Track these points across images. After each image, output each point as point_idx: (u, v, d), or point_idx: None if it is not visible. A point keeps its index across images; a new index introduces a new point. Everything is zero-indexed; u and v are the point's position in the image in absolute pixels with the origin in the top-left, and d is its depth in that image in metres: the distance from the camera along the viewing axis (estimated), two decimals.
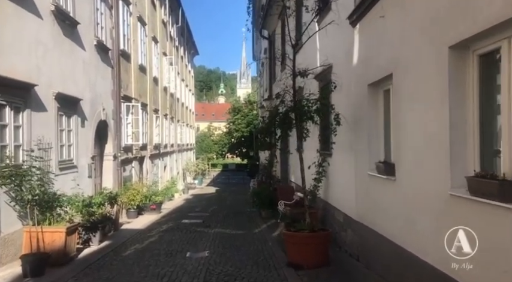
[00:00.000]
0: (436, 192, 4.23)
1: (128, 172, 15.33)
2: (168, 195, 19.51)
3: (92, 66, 11.45)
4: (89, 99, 11.14)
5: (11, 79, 7.03)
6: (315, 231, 6.85)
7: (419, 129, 4.69)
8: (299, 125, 7.11)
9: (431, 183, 4.37)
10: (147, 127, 18.41)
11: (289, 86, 7.32)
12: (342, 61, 7.77)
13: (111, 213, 10.35)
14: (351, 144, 7.51)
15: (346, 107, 7.37)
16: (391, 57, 5.46)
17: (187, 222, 12.91)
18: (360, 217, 6.96)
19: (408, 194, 5.03)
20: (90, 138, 11.22)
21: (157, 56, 21.38)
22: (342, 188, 8.24)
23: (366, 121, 6.64)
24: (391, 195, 5.56)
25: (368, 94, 6.49)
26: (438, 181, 4.16)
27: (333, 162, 8.96)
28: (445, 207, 4.05)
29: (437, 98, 4.17)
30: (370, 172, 6.36)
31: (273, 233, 10.45)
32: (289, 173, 15.50)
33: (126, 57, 15.17)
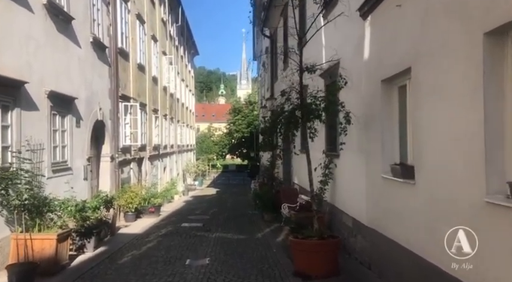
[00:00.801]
0: (467, 199, 3.76)
1: (126, 174, 14.86)
2: (167, 197, 19.04)
3: (88, 64, 10.99)
4: (84, 98, 10.67)
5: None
6: (324, 238, 6.38)
7: (445, 127, 4.22)
8: (306, 124, 6.65)
9: (461, 189, 3.90)
10: (146, 127, 17.93)
11: (296, 82, 6.85)
12: (351, 56, 7.31)
13: (107, 217, 9.89)
14: (361, 144, 7.05)
15: (356, 105, 6.91)
16: (409, 49, 4.99)
17: (187, 226, 12.45)
18: (371, 222, 6.50)
19: (430, 199, 4.56)
20: (85, 139, 10.75)
21: (157, 55, 20.91)
22: (351, 191, 7.77)
23: (378, 120, 6.17)
24: (409, 200, 5.10)
25: (381, 91, 6.03)
26: (470, 186, 3.69)
27: (340, 164, 8.49)
28: (479, 216, 3.58)
29: (467, 92, 3.70)
30: (384, 175, 5.90)
31: (277, 238, 9.99)
32: (292, 175, 15.03)
33: (124, 56, 14.71)
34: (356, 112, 6.73)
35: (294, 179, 14.52)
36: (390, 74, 5.72)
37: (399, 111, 5.83)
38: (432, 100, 4.48)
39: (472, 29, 3.57)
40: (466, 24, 3.68)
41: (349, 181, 7.91)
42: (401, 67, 5.26)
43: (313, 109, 6.55)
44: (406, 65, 5.09)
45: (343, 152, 8.14)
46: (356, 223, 7.39)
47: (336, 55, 6.90)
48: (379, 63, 6.11)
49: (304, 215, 8.73)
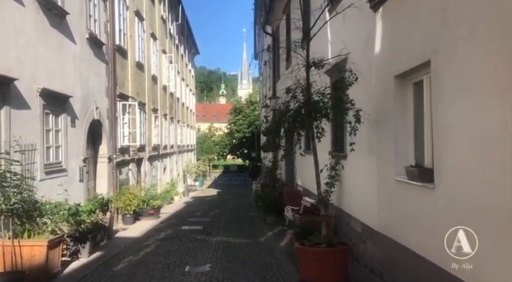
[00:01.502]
0: (494, 205, 3.35)
1: (125, 175, 14.45)
2: (167, 199, 18.65)
3: (84, 61, 10.58)
4: (80, 97, 10.26)
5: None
6: (333, 245, 5.96)
7: (470, 127, 3.80)
8: (313, 123, 6.23)
9: (488, 194, 3.49)
10: (145, 127, 17.51)
11: (302, 78, 6.43)
12: (360, 51, 6.89)
13: (103, 221, 9.48)
14: (371, 145, 6.64)
15: (365, 102, 6.47)
16: (428, 41, 4.57)
17: (187, 229, 12.04)
18: (383, 228, 6.07)
19: (452, 205, 4.14)
20: (81, 139, 10.34)
21: (156, 53, 20.50)
22: (360, 195, 7.35)
23: (391, 119, 5.76)
24: (428, 206, 4.68)
25: (394, 87, 5.61)
26: (498, 191, 3.28)
27: (348, 166, 8.07)
28: (509, 223, 3.18)
29: (502, 87, 3.28)
30: (398, 177, 5.48)
31: (281, 243, 9.56)
32: (296, 176, 14.61)
33: (122, 53, 14.30)
34: (366, 110, 6.31)
35: (297, 181, 14.10)
36: (404, 69, 5.30)
37: (414, 109, 5.42)
38: (456, 96, 4.06)
39: (507, 17, 3.14)
40: (500, 10, 3.26)
41: (358, 184, 7.49)
42: (418, 61, 4.84)
43: (320, 107, 6.13)
44: (423, 58, 4.67)
45: (350, 152, 7.72)
46: (365, 228, 6.98)
47: (344, 49, 6.48)
48: (392, 58, 5.70)
49: (309, 219, 8.32)
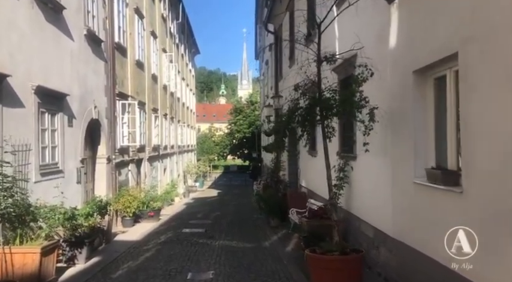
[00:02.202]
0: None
1: (124, 176, 14.06)
2: (167, 200, 18.26)
3: (82, 58, 10.20)
4: (78, 95, 9.88)
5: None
6: (346, 253, 5.57)
7: (507, 126, 3.43)
8: (324, 122, 5.84)
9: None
10: (145, 127, 17.13)
11: (313, 74, 6.04)
12: (373, 46, 6.49)
13: (101, 224, 9.10)
14: (385, 145, 6.25)
15: (379, 100, 6.06)
16: (456, 30, 4.17)
17: (187, 232, 11.66)
18: (399, 234, 5.69)
19: (484, 211, 3.76)
20: (79, 139, 9.96)
21: (156, 52, 20.11)
22: (372, 198, 6.97)
23: (409, 117, 5.37)
24: (454, 212, 4.29)
25: (413, 83, 5.23)
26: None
27: (358, 167, 7.68)
28: None
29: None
30: (417, 180, 5.10)
31: (287, 247, 9.18)
32: (299, 177, 14.23)
33: (121, 51, 13.91)
34: (380, 108, 5.91)
35: (301, 182, 13.72)
36: (425, 63, 4.92)
37: (435, 107, 5.04)
38: (490, 92, 3.67)
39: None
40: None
41: (369, 186, 7.11)
42: (442, 54, 4.45)
43: (332, 105, 5.74)
44: (449, 50, 4.29)
45: (362, 153, 7.34)
46: (378, 233, 6.59)
47: (358, 43, 6.09)
48: (410, 52, 5.31)
49: (317, 223, 7.94)
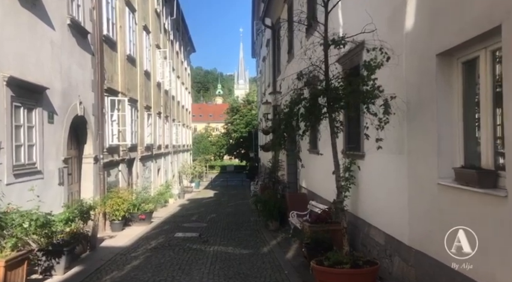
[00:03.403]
0: None
1: (114, 177, 13.29)
2: (161, 202, 17.49)
3: (65, 49, 9.42)
4: (60, 89, 9.11)
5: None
6: (359, 265, 4.84)
7: None
8: (332, 114, 5.11)
9: None
10: (138, 126, 16.35)
11: (319, 60, 5.29)
12: (385, 28, 5.73)
13: (85, 230, 8.34)
14: (400, 141, 5.52)
15: (393, 90, 5.34)
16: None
17: (181, 237, 10.90)
18: (418, 243, 4.96)
19: None
20: (61, 137, 9.18)
21: (149, 48, 19.32)
22: (383, 200, 6.24)
23: (431, 108, 4.64)
24: (495, 218, 3.56)
25: (437, 69, 4.49)
26: None
27: (366, 166, 6.96)
28: None
29: None
30: (443, 181, 4.37)
31: (287, 254, 8.43)
32: (299, 178, 13.49)
33: (111, 45, 13.14)
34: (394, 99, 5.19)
35: (302, 183, 12.98)
36: (452, 44, 4.18)
37: (464, 95, 4.31)
38: None
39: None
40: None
41: (381, 188, 6.38)
42: (478, 30, 3.72)
43: (340, 95, 4.99)
44: (488, 25, 3.56)
45: (371, 151, 6.61)
46: (391, 240, 5.86)
47: (371, 24, 5.35)
48: (432, 32, 4.58)
49: (321, 228, 7.21)
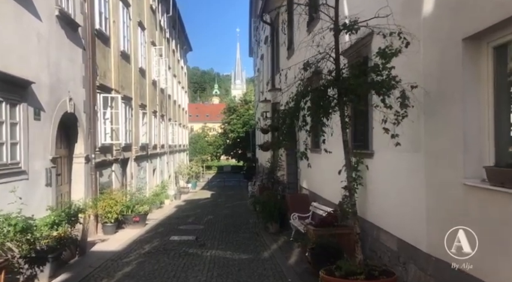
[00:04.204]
0: None
1: (107, 177, 12.74)
2: (156, 203, 16.95)
3: (53, 42, 8.87)
4: (47, 85, 8.56)
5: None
6: (374, 276, 4.33)
7: None
8: (344, 108, 4.60)
9: None
10: (132, 124, 15.81)
11: (328, 47, 4.78)
12: (398, 13, 5.21)
13: (73, 234, 7.81)
14: (416, 138, 5.02)
15: (409, 80, 4.83)
16: None
17: (176, 240, 10.38)
18: (439, 250, 4.45)
19: None
20: (49, 135, 8.62)
21: (145, 45, 18.76)
22: (396, 203, 5.74)
23: (456, 100, 4.14)
24: None
25: (463, 55, 4.00)
26: None
27: (375, 166, 6.46)
28: None
29: None
30: (470, 182, 3.88)
31: (290, 259, 7.91)
32: (300, 178, 12.98)
33: (103, 40, 12.60)
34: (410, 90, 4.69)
35: (302, 183, 12.47)
36: (482, 26, 3.69)
37: (495, 85, 3.82)
38: None
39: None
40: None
41: (392, 188, 5.88)
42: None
43: (352, 85, 4.47)
44: None
45: (381, 148, 6.12)
46: (405, 247, 5.36)
47: (386, 7, 4.83)
48: (458, 14, 4.09)
49: (327, 232, 6.71)
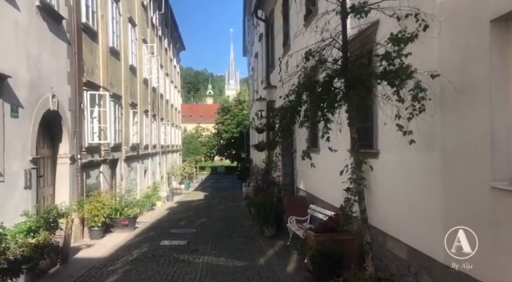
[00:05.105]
0: None
1: (94, 179, 12.14)
2: (147, 205, 16.35)
3: (33, 34, 8.28)
4: (27, 80, 7.98)
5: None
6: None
7: None
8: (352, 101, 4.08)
9: None
10: (122, 124, 15.20)
11: (335, 33, 4.25)
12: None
13: (54, 241, 7.22)
14: (431, 134, 4.51)
15: (424, 69, 4.32)
16: None
17: (167, 245, 9.81)
18: (463, 262, 3.94)
19: None
20: (28, 134, 8.03)
21: (135, 42, 18.16)
22: (405, 207, 5.24)
23: (481, 92, 3.64)
24: None
25: (491, 39, 3.50)
26: None
27: (381, 166, 5.94)
28: None
29: None
30: (500, 184, 3.37)
31: (288, 266, 7.38)
32: (296, 179, 12.46)
33: (91, 35, 12.00)
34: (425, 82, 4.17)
35: (299, 184, 11.94)
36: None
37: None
38: None
39: None
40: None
41: (402, 192, 5.37)
42: None
43: (363, 75, 3.94)
44: None
45: (388, 148, 5.62)
46: (418, 256, 4.85)
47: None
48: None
49: (329, 238, 6.19)
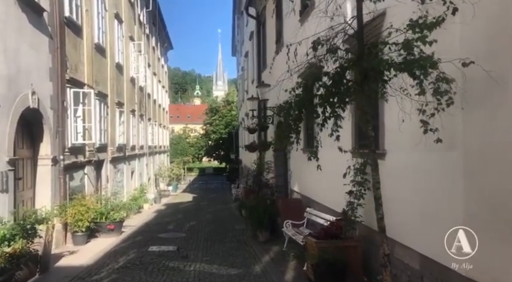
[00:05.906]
0: None
1: (78, 181, 11.53)
2: (134, 208, 15.75)
3: (10, 25, 7.69)
4: (4, 75, 7.39)
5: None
6: None
7: None
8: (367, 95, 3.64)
9: None
10: (108, 123, 14.60)
11: (346, 18, 3.80)
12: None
13: (33, 249, 6.65)
14: (451, 133, 4.09)
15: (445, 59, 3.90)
16: None
17: (155, 251, 9.28)
18: (485, 276, 3.53)
19: None
20: (5, 133, 7.43)
21: (122, 39, 17.55)
22: (416, 210, 4.83)
23: None
24: None
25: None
26: None
27: (388, 168, 5.51)
28: None
29: None
30: None
31: (286, 274, 6.91)
32: (290, 181, 12.03)
33: (75, 30, 11.40)
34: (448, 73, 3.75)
35: (294, 186, 11.51)
36: None
37: None
38: None
39: None
40: None
41: (412, 194, 4.96)
42: None
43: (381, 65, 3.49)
44: None
45: (396, 147, 5.20)
46: (432, 266, 4.44)
47: None
48: None
49: (332, 245, 5.74)
